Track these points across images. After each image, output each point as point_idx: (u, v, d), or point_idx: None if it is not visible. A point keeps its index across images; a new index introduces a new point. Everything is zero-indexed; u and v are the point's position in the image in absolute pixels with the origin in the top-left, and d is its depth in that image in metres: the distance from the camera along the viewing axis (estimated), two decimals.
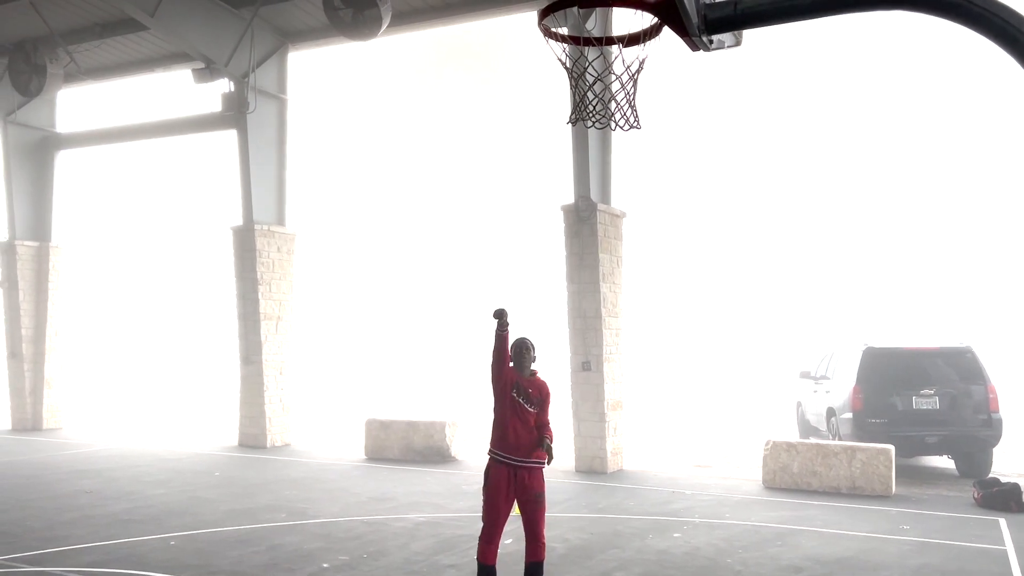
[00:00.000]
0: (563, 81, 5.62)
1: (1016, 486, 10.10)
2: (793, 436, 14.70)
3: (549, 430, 6.11)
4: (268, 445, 15.55)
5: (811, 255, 31.62)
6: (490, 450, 6.09)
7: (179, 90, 18.02)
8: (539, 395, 6.10)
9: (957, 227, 29.74)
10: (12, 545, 8.10)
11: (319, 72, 20.31)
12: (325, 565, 7.44)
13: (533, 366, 6.18)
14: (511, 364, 6.08)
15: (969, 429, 12.07)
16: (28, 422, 18.69)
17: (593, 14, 12.18)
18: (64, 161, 19.50)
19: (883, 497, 10.63)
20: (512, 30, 17.00)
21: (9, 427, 18.82)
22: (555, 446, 6.10)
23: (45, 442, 16.53)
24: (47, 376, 18.83)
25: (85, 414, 20.78)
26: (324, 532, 8.69)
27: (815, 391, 14.60)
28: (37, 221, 18.97)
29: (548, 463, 6.01)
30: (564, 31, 6.08)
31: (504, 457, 5.98)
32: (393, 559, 7.64)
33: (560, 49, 5.23)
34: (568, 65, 5.22)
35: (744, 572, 7.26)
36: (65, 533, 8.62)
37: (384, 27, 14.03)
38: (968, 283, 29.34)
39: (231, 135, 16.05)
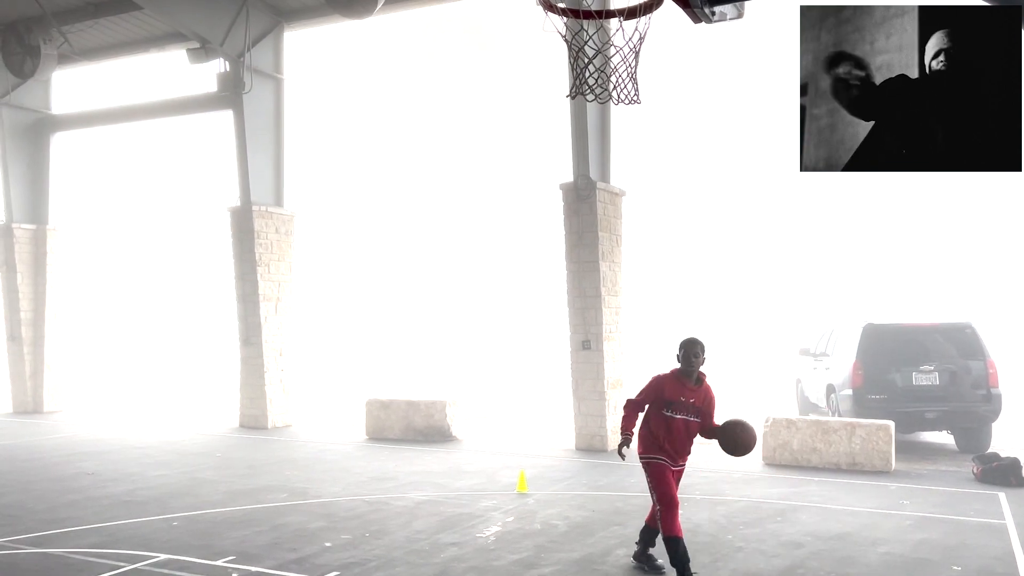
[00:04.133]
0: (563, 57, 5.55)
1: (1015, 460, 10.14)
2: (793, 413, 14.73)
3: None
4: (269, 426, 15.59)
5: (812, 232, 31.54)
6: (642, 455, 6.20)
7: (174, 70, 17.89)
8: (701, 404, 6.03)
9: (958, 202, 29.62)
10: (14, 527, 8.12)
11: (315, 51, 20.13)
12: (328, 544, 7.46)
13: (702, 368, 6.12)
14: (679, 368, 6.08)
15: (968, 404, 12.09)
16: (28, 405, 18.72)
17: None
18: (60, 143, 19.39)
19: (883, 473, 10.67)
20: (511, 5, 16.82)
21: (10, 410, 18.87)
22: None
23: (46, 424, 16.56)
24: (47, 359, 18.84)
25: (86, 396, 20.81)
26: (326, 512, 8.72)
27: (815, 368, 14.61)
28: (34, 204, 18.88)
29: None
30: (563, 4, 6.01)
31: (660, 459, 6.15)
32: (395, 538, 7.66)
33: (560, 23, 5.16)
34: (568, 38, 5.16)
35: (745, 548, 7.29)
36: (67, 515, 8.65)
37: (380, 5, 13.91)
38: (968, 259, 29.29)
39: (227, 115, 15.94)
